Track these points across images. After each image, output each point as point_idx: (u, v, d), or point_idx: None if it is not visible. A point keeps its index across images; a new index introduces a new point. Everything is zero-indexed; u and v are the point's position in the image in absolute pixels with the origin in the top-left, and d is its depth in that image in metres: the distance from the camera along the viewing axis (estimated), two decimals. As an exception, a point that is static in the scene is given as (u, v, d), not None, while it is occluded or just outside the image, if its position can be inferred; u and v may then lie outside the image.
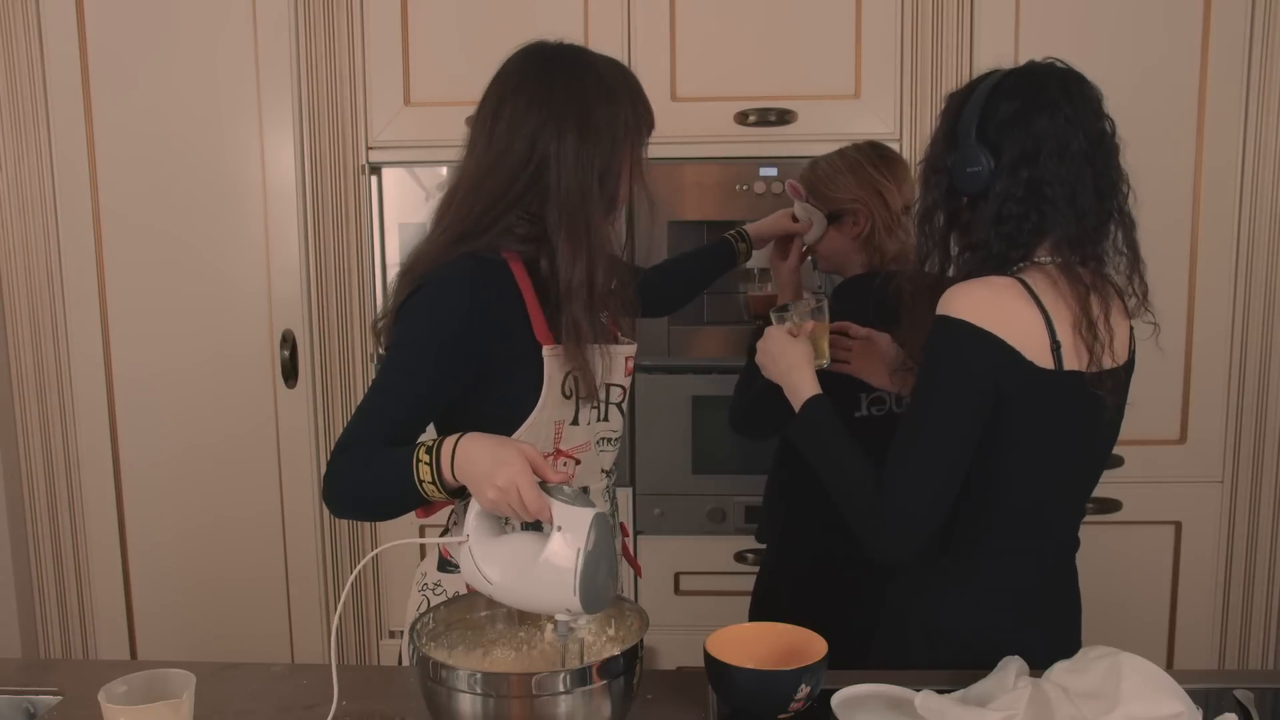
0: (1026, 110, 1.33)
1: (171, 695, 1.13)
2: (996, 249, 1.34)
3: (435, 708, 1.18)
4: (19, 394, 2.55)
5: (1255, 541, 2.45)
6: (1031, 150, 1.32)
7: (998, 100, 1.35)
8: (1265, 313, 2.37)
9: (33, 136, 2.45)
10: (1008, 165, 1.32)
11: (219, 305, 2.48)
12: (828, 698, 1.26)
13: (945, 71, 2.33)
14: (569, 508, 1.18)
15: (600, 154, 1.39)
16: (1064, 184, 1.32)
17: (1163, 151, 2.32)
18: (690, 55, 2.34)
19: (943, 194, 1.40)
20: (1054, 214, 1.32)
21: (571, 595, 1.16)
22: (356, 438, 1.33)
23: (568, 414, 1.43)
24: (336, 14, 2.38)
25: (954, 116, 1.39)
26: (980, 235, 1.35)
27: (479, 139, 1.42)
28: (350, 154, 2.42)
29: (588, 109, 1.38)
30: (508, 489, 1.19)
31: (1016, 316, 1.29)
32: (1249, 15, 2.27)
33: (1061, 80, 1.35)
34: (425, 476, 1.26)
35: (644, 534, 2.45)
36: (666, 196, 2.33)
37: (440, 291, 1.35)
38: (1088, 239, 1.34)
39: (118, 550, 2.58)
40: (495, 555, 1.22)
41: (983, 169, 1.34)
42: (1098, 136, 1.36)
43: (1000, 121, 1.34)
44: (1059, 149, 1.32)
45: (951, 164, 1.37)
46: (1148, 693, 1.13)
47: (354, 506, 1.38)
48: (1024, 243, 1.34)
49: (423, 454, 1.26)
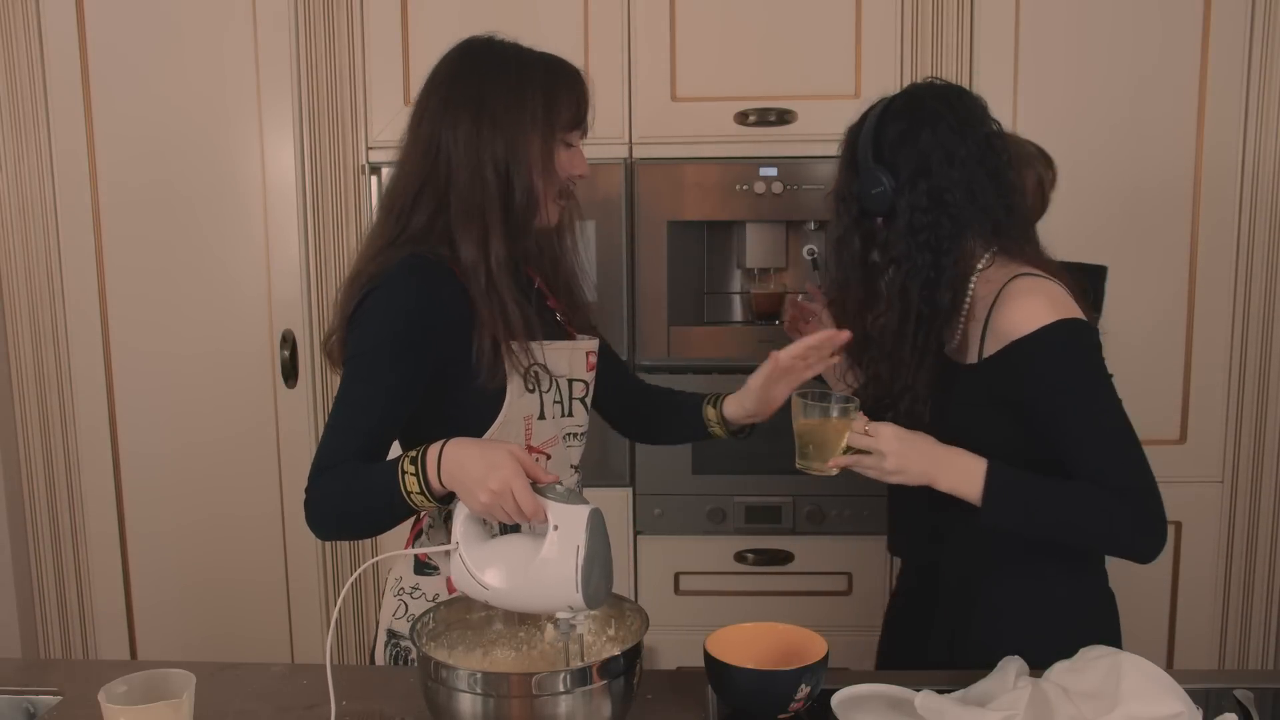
0: (912, 127, 1.42)
1: (171, 695, 1.13)
2: (921, 259, 1.42)
3: (435, 708, 1.18)
4: (19, 394, 2.55)
5: (1255, 541, 2.45)
6: (923, 163, 1.41)
7: (886, 123, 1.44)
8: (1265, 313, 2.37)
9: (33, 136, 2.45)
10: (906, 181, 1.42)
11: (219, 305, 2.48)
12: (828, 698, 1.26)
13: (945, 71, 2.33)
14: (565, 506, 1.19)
15: (498, 141, 1.36)
16: (961, 187, 1.41)
17: (1163, 151, 2.32)
18: (690, 55, 2.34)
19: (853, 219, 1.49)
20: (962, 215, 1.41)
21: (574, 592, 1.17)
22: (331, 458, 1.32)
23: (534, 409, 1.43)
24: (336, 14, 2.38)
25: (851, 145, 1.49)
26: (899, 249, 1.43)
27: (405, 139, 1.44)
28: (350, 154, 2.42)
29: (484, 98, 1.37)
30: (501, 492, 1.19)
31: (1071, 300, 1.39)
32: (1249, 15, 2.27)
33: (940, 94, 1.45)
34: (413, 488, 1.26)
35: (644, 534, 2.45)
36: (666, 196, 2.34)
37: (388, 293, 1.34)
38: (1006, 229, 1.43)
39: (118, 550, 2.58)
40: (489, 560, 1.22)
41: (885, 189, 1.43)
42: (984, 139, 1.43)
43: (891, 142, 1.43)
44: (948, 156, 1.41)
45: (857, 190, 1.47)
46: (1148, 692, 1.13)
47: (340, 527, 1.37)
48: (948, 248, 1.41)
49: (407, 465, 1.26)
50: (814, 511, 2.39)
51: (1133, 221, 2.34)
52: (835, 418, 1.37)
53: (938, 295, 1.43)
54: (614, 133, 2.34)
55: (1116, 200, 2.33)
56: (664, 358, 2.37)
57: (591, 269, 2.34)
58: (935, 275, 1.42)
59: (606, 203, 2.33)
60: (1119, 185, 2.33)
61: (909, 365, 1.45)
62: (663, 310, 2.36)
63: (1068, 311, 1.36)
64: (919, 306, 1.43)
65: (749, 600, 2.44)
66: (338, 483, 1.31)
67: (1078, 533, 1.36)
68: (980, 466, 1.34)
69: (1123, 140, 2.32)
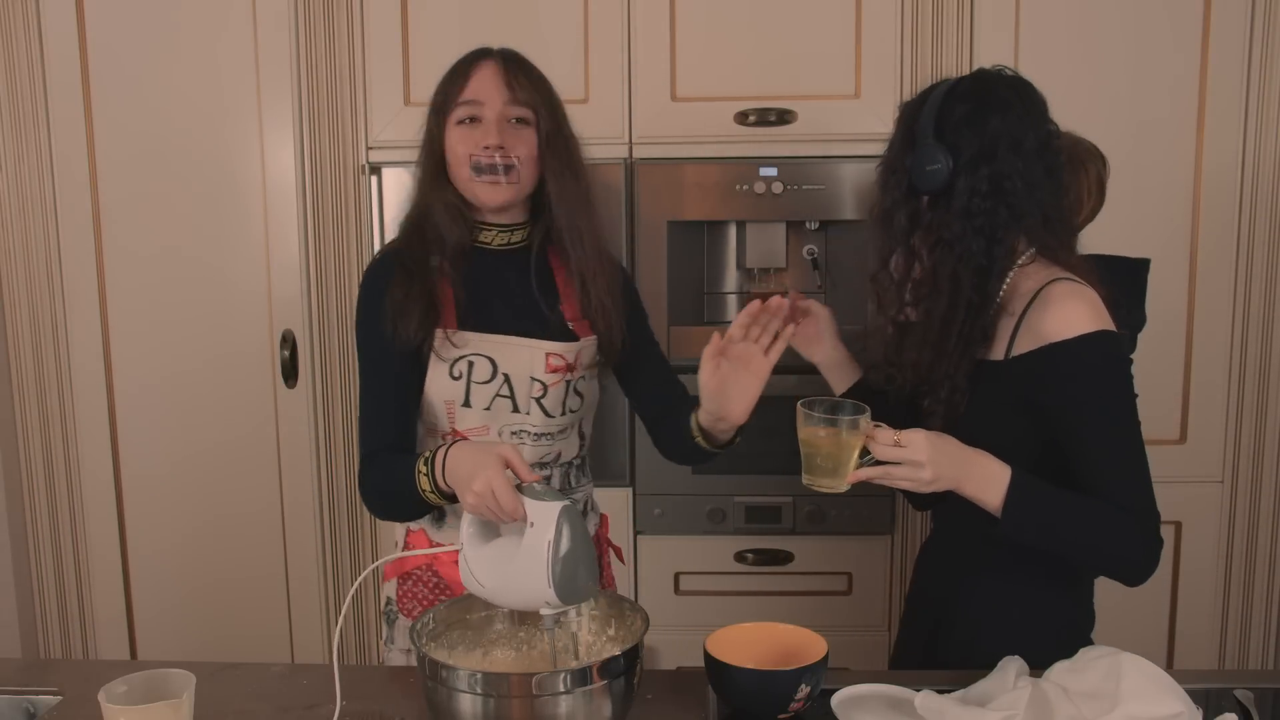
0: (980, 110, 1.39)
1: (171, 695, 1.13)
2: (976, 245, 1.39)
3: (435, 708, 1.18)
4: (19, 394, 2.55)
5: (1255, 541, 2.45)
6: (989, 147, 1.38)
7: (952, 103, 1.41)
8: (1265, 313, 2.37)
9: (33, 136, 2.45)
10: (967, 163, 1.38)
11: (219, 305, 2.48)
12: (828, 698, 1.26)
13: (945, 71, 2.33)
14: (537, 503, 1.21)
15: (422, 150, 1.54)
16: (1022, 178, 1.38)
17: (1163, 151, 2.32)
18: (690, 55, 2.34)
19: (902, 194, 1.44)
20: (1019, 206, 1.38)
21: (546, 588, 1.18)
22: (371, 444, 1.48)
23: (457, 395, 1.50)
24: (336, 14, 2.38)
25: (910, 120, 1.45)
26: (952, 231, 1.39)
27: None
28: (350, 154, 2.42)
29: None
30: (483, 492, 1.23)
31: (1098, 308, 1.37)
32: (1249, 15, 2.27)
33: (1010, 84, 1.43)
34: (425, 486, 1.37)
35: (644, 534, 2.45)
36: (666, 196, 2.34)
37: (364, 286, 1.52)
38: (1055, 228, 1.42)
39: (118, 550, 2.58)
40: (485, 559, 1.26)
41: (941, 167, 1.39)
42: (1045, 137, 1.42)
43: (956, 122, 1.40)
44: (1014, 145, 1.38)
45: (910, 164, 1.42)
46: (1148, 692, 1.13)
47: (388, 513, 1.53)
48: (1000, 237, 1.39)
49: (422, 465, 1.37)
50: (814, 511, 2.39)
51: (1133, 221, 2.33)
52: (845, 430, 1.28)
53: (990, 284, 1.40)
54: (614, 133, 2.34)
55: (1116, 200, 2.32)
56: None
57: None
58: (987, 264, 1.39)
59: (607, 203, 2.33)
60: (1119, 185, 2.32)
61: (953, 354, 1.42)
62: (663, 310, 2.36)
63: (1107, 323, 1.35)
64: (970, 294, 1.40)
65: (749, 600, 2.44)
66: (376, 476, 1.47)
67: (1087, 552, 1.35)
68: (1005, 475, 1.31)
69: (1123, 140, 2.32)
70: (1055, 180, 1.43)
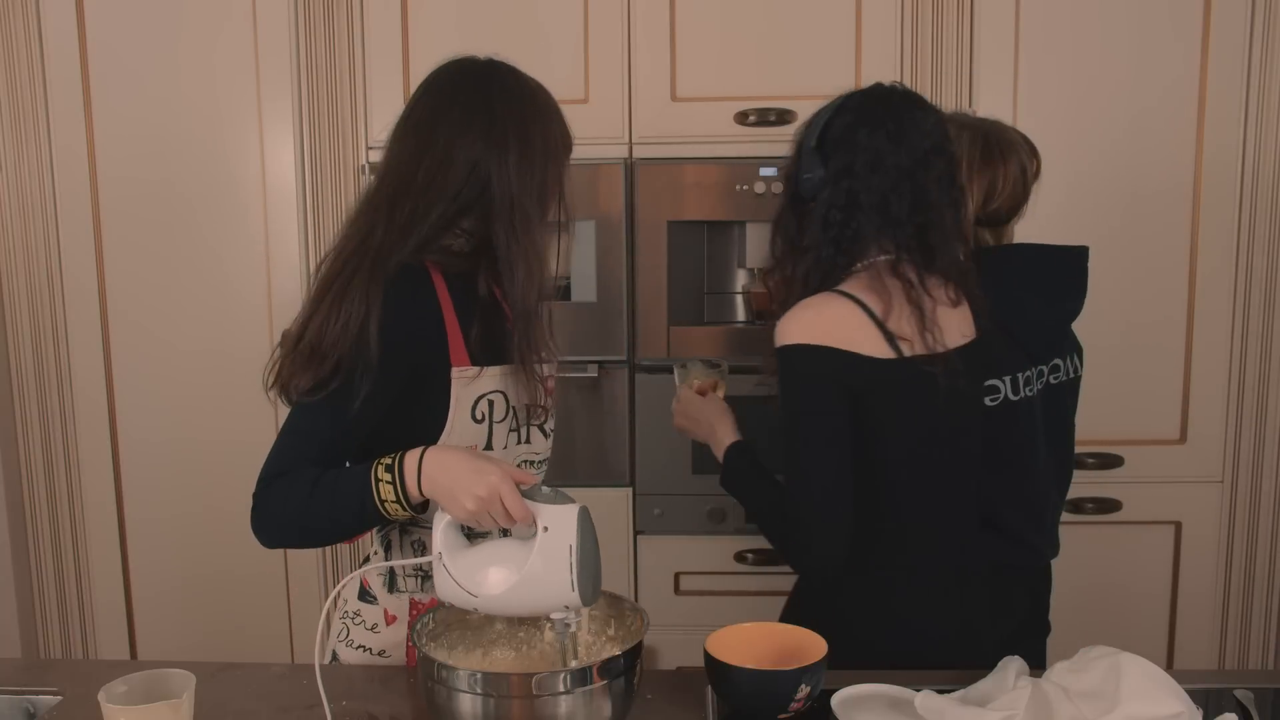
0: (854, 126, 1.46)
1: (171, 695, 1.13)
2: (825, 253, 1.47)
3: (435, 708, 1.18)
4: (19, 394, 2.55)
5: (1255, 541, 2.45)
6: (850, 163, 1.45)
7: (837, 116, 1.49)
8: (1265, 313, 2.37)
9: (33, 136, 2.45)
10: (832, 175, 1.46)
11: (219, 305, 2.48)
12: (828, 698, 1.26)
13: (945, 71, 2.33)
14: (553, 507, 1.19)
15: (538, 172, 1.37)
16: (878, 194, 1.44)
17: (1163, 151, 2.32)
18: (690, 55, 2.34)
19: (789, 198, 1.55)
20: (868, 222, 1.45)
21: (570, 592, 1.18)
22: (283, 465, 1.29)
23: (479, 439, 1.39)
24: (336, 14, 2.38)
25: (804, 128, 1.54)
26: (811, 239, 1.49)
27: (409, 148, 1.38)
28: (350, 154, 2.42)
29: (526, 128, 1.37)
30: (490, 498, 1.19)
31: (843, 323, 1.42)
32: (1249, 15, 2.27)
33: (888, 99, 1.49)
34: (388, 495, 1.24)
35: (644, 534, 2.45)
36: (666, 196, 2.34)
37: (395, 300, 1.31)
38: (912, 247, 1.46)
39: (118, 550, 2.58)
40: (474, 566, 1.21)
41: (814, 176, 1.48)
42: (922, 155, 1.45)
43: (834, 135, 1.48)
44: (874, 162, 1.44)
45: (793, 172, 1.53)
46: (1148, 692, 1.13)
47: (300, 536, 1.34)
48: (848, 249, 1.46)
49: (382, 472, 1.24)
50: (814, 511, 2.39)
51: (1132, 221, 2.34)
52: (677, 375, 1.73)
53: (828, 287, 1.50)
54: (614, 133, 2.34)
55: (1116, 199, 2.33)
56: (664, 358, 2.37)
57: (591, 269, 2.35)
58: (833, 271, 1.47)
59: (607, 203, 2.33)
60: (1119, 184, 2.33)
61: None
62: (663, 310, 2.36)
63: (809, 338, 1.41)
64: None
65: (749, 600, 2.44)
66: (296, 490, 1.27)
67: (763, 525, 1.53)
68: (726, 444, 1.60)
69: (1123, 140, 2.32)
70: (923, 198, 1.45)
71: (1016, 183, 1.72)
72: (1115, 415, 2.34)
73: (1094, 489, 2.37)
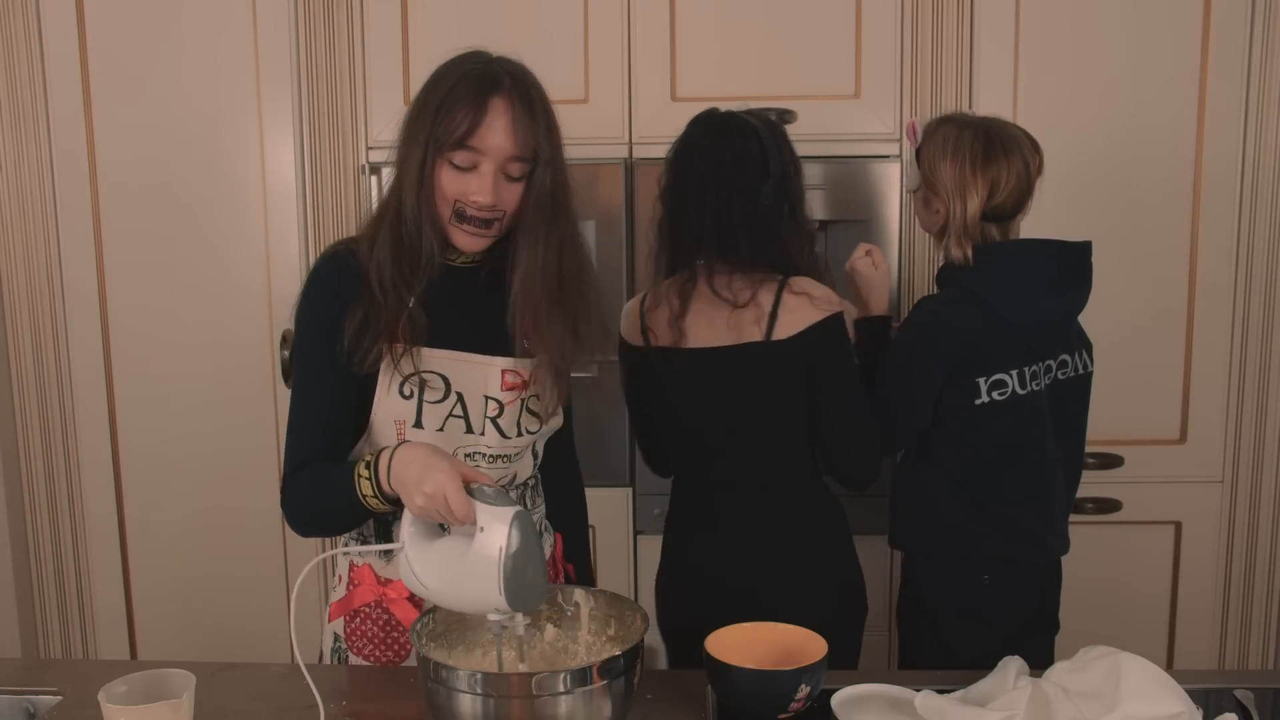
0: (675, 148, 1.69)
1: (171, 695, 1.13)
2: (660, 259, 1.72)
3: (435, 708, 1.18)
4: (19, 394, 2.55)
5: (1255, 541, 2.45)
6: (669, 181, 1.69)
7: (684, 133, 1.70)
8: (1265, 313, 2.37)
9: (33, 136, 2.45)
10: (661, 192, 1.70)
11: (219, 305, 2.48)
12: (828, 698, 1.26)
13: (945, 71, 2.33)
14: (490, 507, 1.19)
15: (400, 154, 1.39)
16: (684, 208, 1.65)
17: (1163, 151, 2.32)
18: (690, 55, 2.34)
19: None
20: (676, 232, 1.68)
21: (497, 594, 1.17)
22: (299, 458, 1.39)
23: (408, 414, 1.40)
24: (336, 14, 2.38)
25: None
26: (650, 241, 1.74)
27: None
28: (350, 154, 2.42)
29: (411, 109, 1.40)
30: (435, 495, 1.20)
31: (627, 318, 1.76)
32: (1249, 15, 2.27)
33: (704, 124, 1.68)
34: (367, 491, 1.30)
35: (644, 534, 2.45)
36: (666, 196, 2.33)
37: (310, 283, 1.42)
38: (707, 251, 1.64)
39: (118, 550, 2.58)
40: (428, 560, 1.23)
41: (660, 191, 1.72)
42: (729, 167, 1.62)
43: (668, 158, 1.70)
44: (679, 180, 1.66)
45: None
46: (1148, 693, 1.13)
47: (314, 526, 1.45)
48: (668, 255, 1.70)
49: (362, 469, 1.30)
50: (814, 511, 2.39)
51: (1132, 220, 2.34)
52: None
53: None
54: (614, 133, 2.34)
55: (1116, 199, 2.33)
56: (664, 358, 2.37)
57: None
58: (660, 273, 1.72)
59: (607, 202, 2.33)
60: (1119, 184, 2.33)
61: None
62: (663, 310, 2.36)
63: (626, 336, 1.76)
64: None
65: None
66: (306, 486, 1.38)
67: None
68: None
69: (1122, 139, 2.32)
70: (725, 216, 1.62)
71: (1020, 178, 1.72)
72: (1115, 415, 2.34)
73: (1094, 489, 2.37)
